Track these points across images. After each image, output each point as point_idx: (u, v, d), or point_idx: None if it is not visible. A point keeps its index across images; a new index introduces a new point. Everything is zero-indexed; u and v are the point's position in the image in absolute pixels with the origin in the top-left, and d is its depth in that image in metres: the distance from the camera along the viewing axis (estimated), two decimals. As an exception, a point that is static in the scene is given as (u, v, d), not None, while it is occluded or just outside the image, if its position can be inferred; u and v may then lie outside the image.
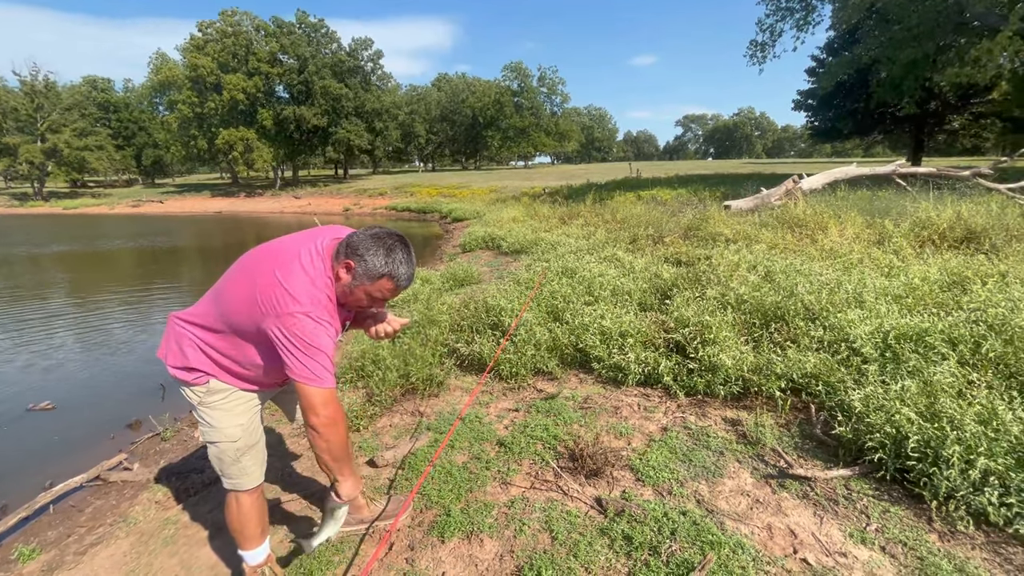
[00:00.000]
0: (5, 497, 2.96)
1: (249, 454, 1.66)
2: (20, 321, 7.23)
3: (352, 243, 1.47)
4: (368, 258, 1.44)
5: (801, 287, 3.56)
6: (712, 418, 2.72)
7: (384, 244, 1.46)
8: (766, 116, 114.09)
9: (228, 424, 1.61)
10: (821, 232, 5.62)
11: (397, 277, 1.47)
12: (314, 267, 1.47)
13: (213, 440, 1.62)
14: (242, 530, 1.73)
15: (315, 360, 1.40)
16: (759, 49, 16.96)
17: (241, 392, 1.64)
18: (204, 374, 1.58)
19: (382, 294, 1.49)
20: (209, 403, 1.59)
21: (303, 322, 1.39)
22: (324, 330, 1.42)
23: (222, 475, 1.67)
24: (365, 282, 1.46)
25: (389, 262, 1.45)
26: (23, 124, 44.47)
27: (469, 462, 2.51)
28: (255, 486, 1.71)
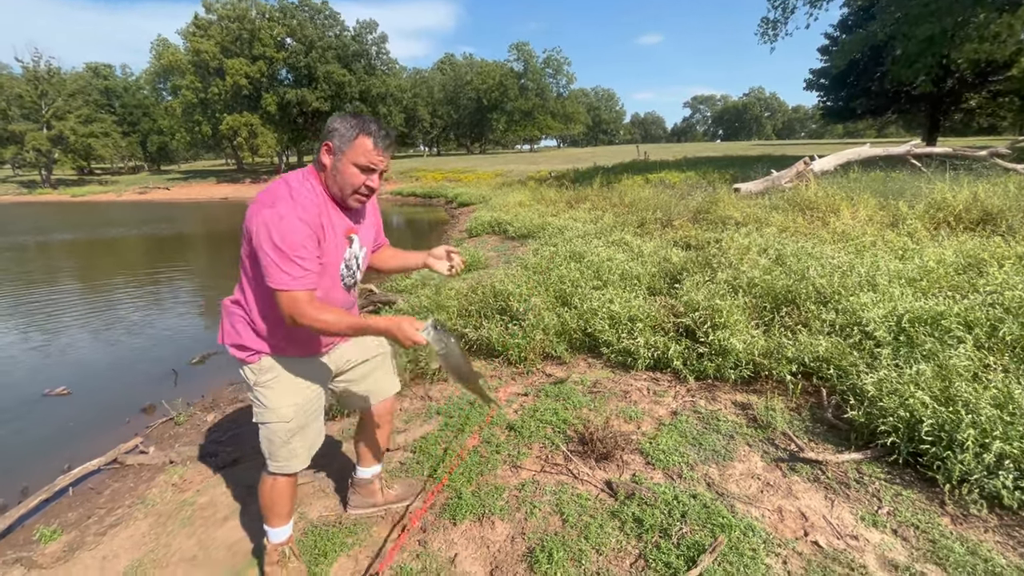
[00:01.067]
0: (25, 479, 3.02)
1: (300, 436, 1.66)
2: (33, 308, 7.32)
3: (324, 130, 1.51)
4: (338, 126, 1.47)
5: (813, 270, 3.52)
6: (722, 402, 2.71)
7: (350, 114, 1.51)
8: (776, 96, 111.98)
9: (281, 403, 1.61)
10: (833, 215, 5.54)
11: (370, 131, 1.46)
12: (292, 175, 1.52)
13: (265, 420, 1.63)
14: (272, 507, 1.76)
15: (278, 264, 1.39)
16: (771, 27, 16.53)
17: (295, 367, 1.64)
18: (255, 352, 1.60)
19: (367, 159, 1.47)
20: (263, 382, 1.61)
21: (276, 217, 1.39)
22: (301, 228, 1.41)
23: (269, 457, 1.67)
24: (346, 152, 1.46)
25: (358, 122, 1.47)
26: (28, 111, 44.52)
27: (480, 446, 2.53)
28: (300, 471, 1.72)
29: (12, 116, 43.99)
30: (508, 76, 61.36)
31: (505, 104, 62.20)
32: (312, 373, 1.69)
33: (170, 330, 6.18)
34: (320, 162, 1.50)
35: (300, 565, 1.82)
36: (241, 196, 35.71)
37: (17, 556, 2.25)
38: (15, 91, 44.26)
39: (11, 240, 15.31)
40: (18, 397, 4.22)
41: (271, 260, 1.39)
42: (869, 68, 20.11)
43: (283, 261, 1.39)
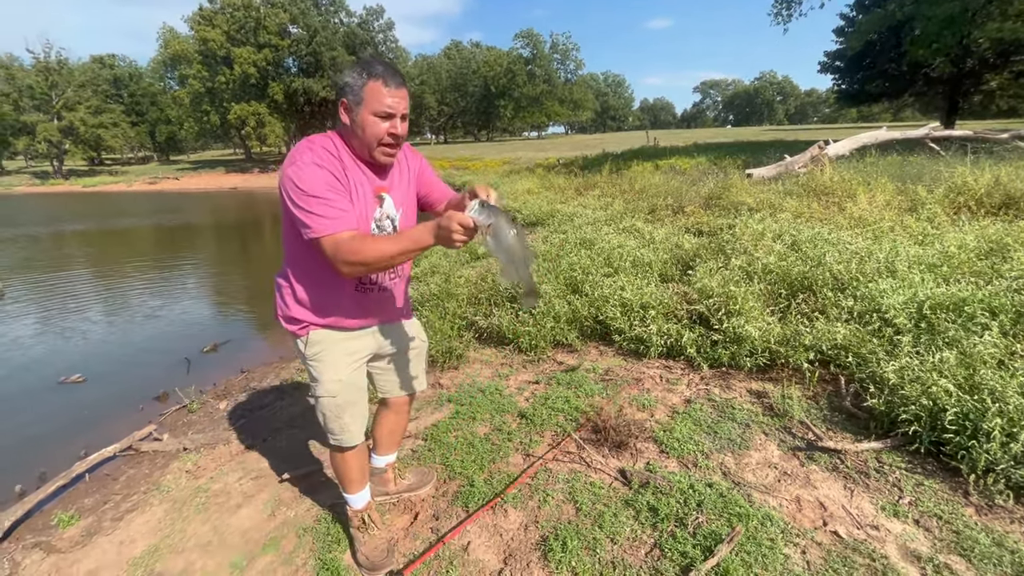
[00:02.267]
0: (42, 465, 3.06)
1: (349, 412, 1.68)
2: (48, 297, 7.41)
3: (335, 88, 1.51)
4: (347, 79, 1.43)
5: (829, 256, 3.45)
6: (737, 390, 2.67)
7: (355, 63, 1.47)
8: (789, 80, 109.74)
9: (328, 378, 1.63)
10: (849, 200, 5.41)
11: (377, 73, 1.40)
12: (312, 136, 1.49)
13: (316, 395, 1.67)
14: (343, 476, 1.84)
15: (310, 209, 1.35)
16: (784, 7, 16.13)
17: (342, 343, 1.64)
18: (304, 324, 1.61)
19: (382, 103, 1.40)
20: (312, 355, 1.63)
21: (296, 169, 1.38)
22: (321, 173, 1.39)
23: (326, 431, 1.72)
24: (362, 104, 1.41)
25: (364, 67, 1.42)
26: (39, 102, 44.79)
27: (491, 433, 2.52)
28: (355, 444, 1.75)
29: (24, 107, 44.30)
30: (516, 62, 60.66)
31: (513, 91, 61.58)
32: (358, 349, 1.70)
33: (182, 319, 6.23)
34: (343, 124, 1.47)
35: (381, 531, 1.91)
36: (249, 186, 35.83)
37: (36, 540, 2.29)
38: (26, 82, 44.53)
39: (26, 231, 15.49)
40: (35, 385, 4.29)
41: (302, 210, 1.36)
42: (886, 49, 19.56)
43: (313, 205, 1.35)
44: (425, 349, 1.99)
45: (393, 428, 2.05)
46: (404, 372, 1.92)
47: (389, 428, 2.04)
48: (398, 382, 1.92)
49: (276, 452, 2.72)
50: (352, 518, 1.90)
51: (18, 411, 3.91)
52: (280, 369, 4.09)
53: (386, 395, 1.96)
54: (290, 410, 3.26)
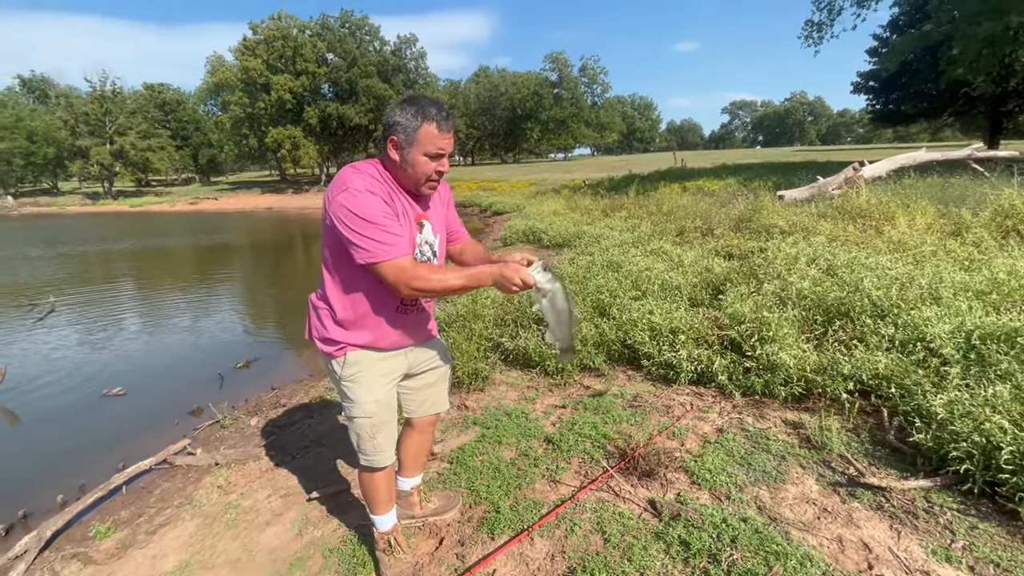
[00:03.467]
0: (84, 476, 3.17)
1: (383, 432, 1.71)
2: (94, 311, 7.76)
3: (385, 123, 1.50)
4: (400, 119, 1.45)
5: (868, 282, 3.33)
6: (771, 420, 2.58)
7: (407, 100, 1.48)
8: (821, 100, 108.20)
9: (365, 399, 1.65)
10: (887, 223, 5.25)
11: (431, 116, 1.44)
12: (357, 163, 1.52)
13: (352, 415, 1.68)
14: (371, 497, 1.84)
15: (368, 236, 1.39)
16: (815, 29, 15.97)
17: (377, 364, 1.66)
18: (341, 345, 1.62)
19: (434, 145, 1.46)
20: (348, 376, 1.64)
21: (350, 196, 1.40)
22: (375, 200, 1.42)
23: (358, 451, 1.74)
24: (414, 145, 1.45)
25: (419, 109, 1.44)
26: (93, 128, 47.69)
27: (517, 458, 2.49)
28: (387, 465, 1.76)
29: (80, 132, 47.25)
30: (543, 86, 61.63)
31: (539, 113, 62.47)
32: (392, 369, 1.73)
33: (217, 335, 6.43)
34: (389, 158, 1.50)
35: (406, 555, 1.90)
36: (284, 206, 37.08)
37: (75, 551, 2.35)
38: (82, 110, 47.59)
39: (77, 249, 16.35)
40: (80, 397, 4.47)
41: (360, 236, 1.39)
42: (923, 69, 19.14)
43: (372, 231, 1.39)
44: (451, 369, 2.01)
45: (418, 449, 2.06)
46: (431, 392, 1.93)
47: (414, 449, 2.05)
48: (425, 402, 1.93)
49: (304, 470, 2.75)
50: (378, 540, 1.89)
51: (64, 422, 4.08)
52: (309, 387, 4.16)
53: (412, 415, 1.97)
54: (318, 428, 3.30)
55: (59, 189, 53.63)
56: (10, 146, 43.68)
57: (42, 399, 4.46)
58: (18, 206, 41.54)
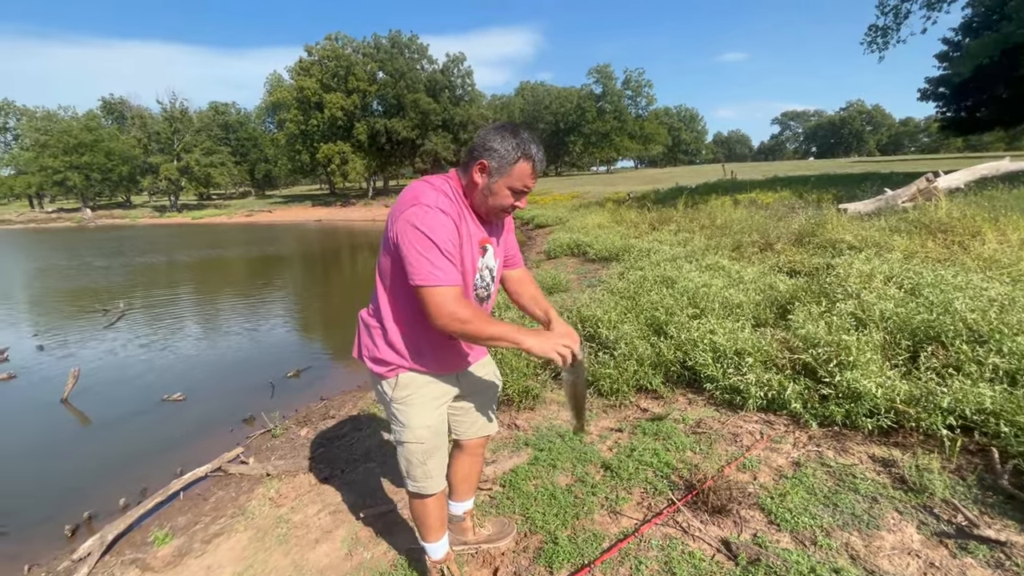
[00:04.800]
0: (144, 480, 3.27)
1: (435, 457, 1.64)
2: (158, 318, 8.18)
3: (477, 143, 1.43)
4: (498, 146, 1.39)
5: (959, 303, 3.01)
6: (856, 455, 2.33)
7: (508, 129, 1.42)
8: (880, 109, 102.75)
9: (417, 423, 1.58)
10: (972, 238, 4.81)
11: (531, 156, 1.40)
12: (431, 177, 1.47)
13: (403, 440, 1.62)
14: (422, 523, 1.77)
15: (427, 256, 1.33)
16: (880, 34, 15.18)
17: (430, 387, 1.60)
18: (394, 366, 1.56)
19: (523, 183, 1.42)
20: (400, 399, 1.58)
21: (420, 211, 1.35)
22: (445, 221, 1.36)
23: (407, 476, 1.67)
24: (504, 174, 1.40)
25: (520, 143, 1.39)
26: (163, 145, 51.32)
27: (573, 485, 2.35)
28: (438, 491, 1.70)
29: (151, 150, 50.94)
30: (586, 99, 61.62)
31: (582, 127, 62.40)
32: (444, 392, 1.66)
33: (270, 344, 6.61)
34: (471, 179, 1.44)
35: None
36: (332, 218, 38.43)
37: (134, 557, 2.39)
38: (154, 129, 51.31)
39: (145, 259, 17.45)
40: (142, 401, 4.66)
41: (418, 254, 1.33)
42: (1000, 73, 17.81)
43: (431, 253, 1.33)
44: (499, 388, 1.92)
45: (468, 472, 1.96)
46: (481, 413, 1.85)
47: (464, 472, 1.96)
48: (475, 423, 1.85)
49: (353, 486, 2.71)
50: (430, 569, 1.81)
51: (127, 425, 4.25)
52: (357, 399, 4.17)
53: (461, 437, 1.88)
54: (366, 442, 3.28)
55: (131, 203, 57.83)
56: (89, 160, 47.55)
57: (109, 402, 4.69)
58: (95, 218, 44.99)
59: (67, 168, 47.57)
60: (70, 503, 3.06)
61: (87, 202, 51.61)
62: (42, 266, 16.04)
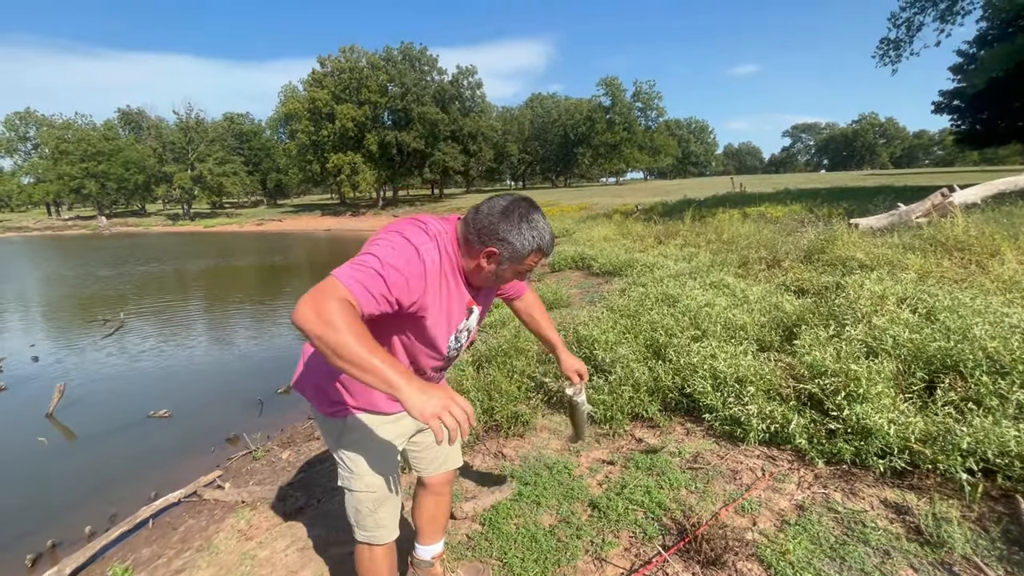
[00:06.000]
0: (116, 504, 3.14)
1: (387, 505, 1.49)
2: (156, 329, 8.14)
3: (486, 227, 1.27)
4: (512, 239, 1.26)
5: (979, 330, 2.81)
6: (866, 499, 2.14)
7: (523, 219, 1.27)
8: (893, 122, 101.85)
9: (367, 471, 1.43)
10: (991, 257, 4.58)
11: (544, 247, 1.31)
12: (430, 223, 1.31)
13: (351, 488, 1.46)
14: None
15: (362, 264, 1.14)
16: (892, 47, 14.96)
17: (382, 429, 1.46)
18: (343, 407, 1.41)
19: (529, 267, 1.35)
20: (348, 443, 1.43)
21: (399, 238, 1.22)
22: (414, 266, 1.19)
23: (356, 526, 1.51)
24: (515, 263, 1.30)
25: (535, 237, 1.28)
26: (178, 155, 52.21)
27: (557, 526, 2.18)
28: (390, 540, 1.54)
29: (166, 159, 51.83)
30: (595, 111, 61.72)
31: (591, 138, 62.47)
32: (400, 434, 1.51)
33: (265, 357, 6.51)
34: (477, 264, 1.30)
35: None
36: (342, 227, 38.70)
37: (88, 594, 2.25)
38: (169, 138, 52.26)
39: (155, 268, 17.57)
40: (128, 416, 4.56)
41: (359, 257, 1.18)
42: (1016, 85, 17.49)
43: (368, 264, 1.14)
44: None
45: (435, 512, 1.80)
46: (442, 448, 1.68)
47: (431, 513, 1.79)
48: (436, 459, 1.70)
49: (326, 518, 2.56)
50: None
51: (108, 442, 4.14)
52: (344, 419, 4.02)
53: (423, 474, 1.73)
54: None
55: (146, 211, 58.76)
56: (106, 169, 48.47)
57: (95, 417, 4.59)
58: (109, 226, 45.75)
59: (84, 176, 48.56)
60: (37, 528, 2.94)
61: (103, 210, 52.55)
62: (52, 273, 16.21)
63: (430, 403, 1.00)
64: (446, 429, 0.99)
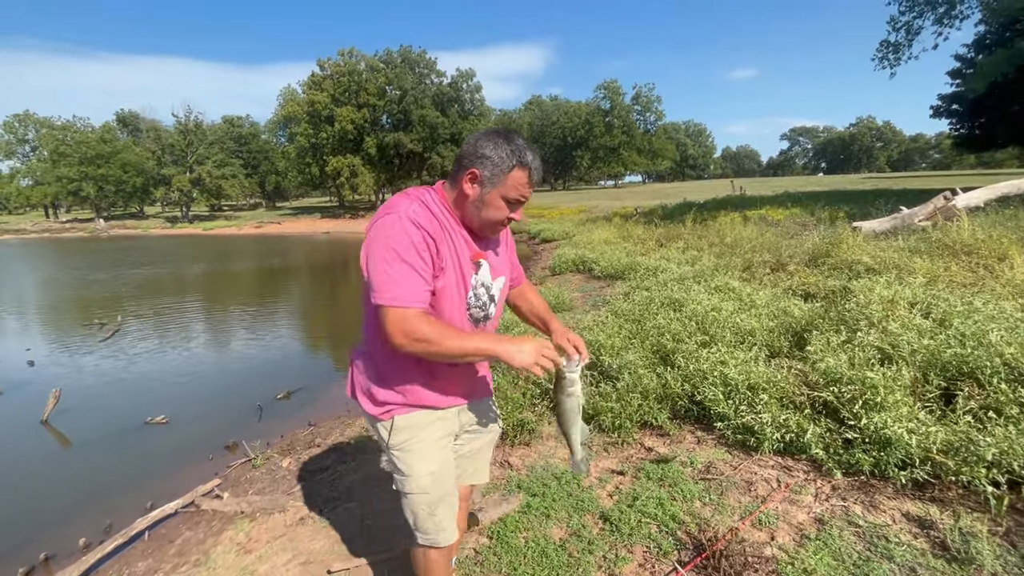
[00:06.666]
0: (111, 514, 3.05)
1: (444, 505, 1.44)
2: (153, 333, 8.04)
3: (466, 150, 1.28)
4: (490, 153, 1.25)
5: (994, 335, 2.75)
6: (887, 512, 2.07)
7: (501, 135, 1.28)
8: (891, 125, 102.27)
9: (420, 471, 1.39)
10: (999, 262, 4.53)
11: (527, 163, 1.27)
12: (411, 189, 1.33)
13: (406, 491, 1.42)
14: None
15: (386, 269, 1.18)
16: (891, 51, 14.98)
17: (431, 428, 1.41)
18: (388, 407, 1.39)
19: (518, 192, 1.29)
20: (398, 444, 1.39)
21: (390, 221, 1.21)
22: (408, 228, 1.20)
23: (416, 529, 1.46)
24: (497, 183, 1.27)
25: (515, 150, 1.26)
26: (177, 157, 52.07)
27: (568, 539, 2.11)
28: (452, 541, 1.49)
29: (165, 162, 51.70)
30: (594, 114, 61.83)
31: (590, 141, 62.56)
32: (447, 432, 1.46)
33: (264, 362, 6.43)
34: (461, 191, 1.29)
35: None
36: (340, 230, 38.57)
37: (82, 611, 2.17)
38: (168, 141, 52.14)
39: (154, 271, 17.46)
40: (125, 423, 4.46)
41: (379, 267, 1.19)
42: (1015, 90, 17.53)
43: (393, 265, 1.18)
44: (498, 434, 1.72)
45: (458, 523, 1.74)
46: (475, 460, 1.65)
47: None
48: (465, 471, 1.64)
49: (329, 530, 2.48)
50: None
51: (105, 449, 4.06)
52: (346, 426, 3.95)
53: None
54: (350, 477, 3.05)
55: (144, 213, 58.59)
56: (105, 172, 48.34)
57: (91, 424, 4.50)
58: (108, 228, 45.57)
59: (82, 178, 48.39)
60: (30, 540, 2.86)
61: (101, 212, 52.37)
62: (48, 276, 16.10)
63: (522, 354, 1.20)
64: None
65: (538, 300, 1.67)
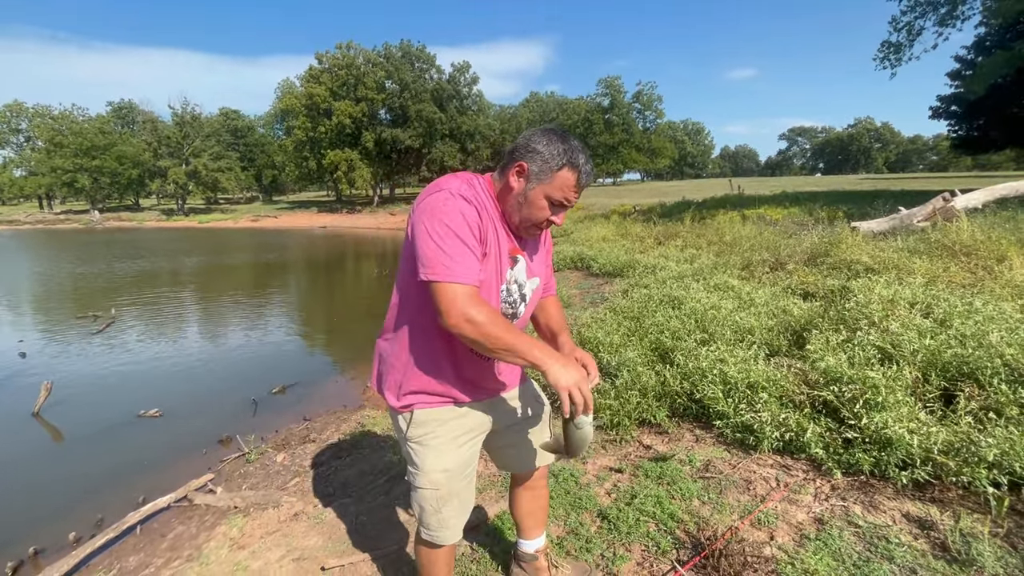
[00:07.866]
0: (102, 508, 3.02)
1: (451, 504, 1.41)
2: (148, 326, 7.98)
3: (520, 144, 1.27)
4: (542, 149, 1.23)
5: (994, 336, 2.74)
6: (887, 512, 2.06)
7: (556, 134, 1.26)
8: (889, 126, 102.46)
9: (432, 467, 1.37)
10: (999, 263, 4.53)
11: (578, 164, 1.24)
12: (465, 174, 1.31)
13: (416, 484, 1.40)
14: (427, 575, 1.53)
15: (440, 246, 1.14)
16: (893, 51, 14.97)
17: (452, 424, 1.38)
18: (410, 400, 1.36)
19: (564, 194, 1.25)
20: (416, 437, 1.37)
21: (442, 198, 1.19)
22: (463, 206, 1.18)
23: (420, 523, 1.45)
24: (544, 180, 1.24)
25: (568, 149, 1.23)
26: (173, 150, 51.74)
27: (565, 537, 2.09)
28: (453, 542, 1.47)
29: (161, 154, 51.36)
30: (594, 112, 61.69)
31: (589, 139, 62.43)
32: (471, 428, 1.42)
33: (259, 355, 6.38)
34: (507, 183, 1.27)
35: None
36: (337, 224, 38.47)
37: (71, 607, 2.14)
38: (164, 133, 51.78)
39: (151, 264, 17.35)
40: (117, 415, 4.42)
41: (432, 243, 1.15)
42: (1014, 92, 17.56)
43: (447, 241, 1.14)
44: (548, 412, 1.66)
45: (531, 507, 1.72)
46: (529, 444, 1.59)
47: (527, 508, 1.72)
48: (524, 457, 1.60)
49: (323, 526, 2.45)
50: None
51: (97, 442, 4.01)
52: (341, 421, 3.92)
53: (511, 471, 1.67)
54: (344, 472, 3.02)
55: (140, 205, 58.20)
56: (100, 164, 47.97)
57: (83, 416, 4.45)
58: (103, 220, 45.27)
59: (77, 170, 47.99)
60: (19, 534, 2.81)
61: (95, 204, 51.98)
62: (42, 268, 15.97)
63: (565, 376, 1.14)
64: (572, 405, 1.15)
65: (558, 314, 1.62)
